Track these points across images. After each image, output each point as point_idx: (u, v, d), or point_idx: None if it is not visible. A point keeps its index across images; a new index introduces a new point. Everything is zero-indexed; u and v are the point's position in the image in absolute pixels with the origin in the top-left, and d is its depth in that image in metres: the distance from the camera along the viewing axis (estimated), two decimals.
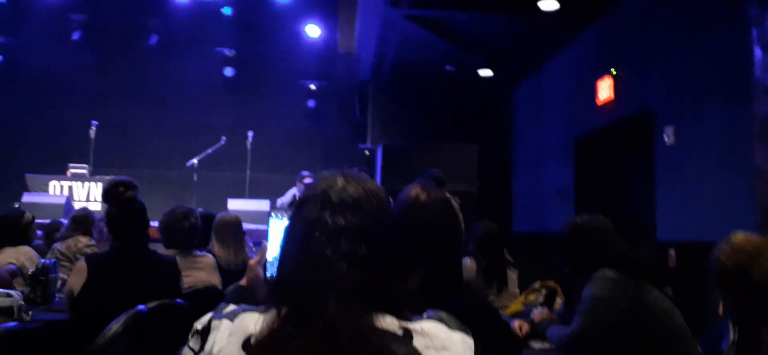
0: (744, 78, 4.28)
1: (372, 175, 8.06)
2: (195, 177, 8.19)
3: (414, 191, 1.67)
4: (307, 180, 6.53)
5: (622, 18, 6.34)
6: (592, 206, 6.76)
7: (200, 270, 3.18)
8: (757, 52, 4.18)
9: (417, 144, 8.41)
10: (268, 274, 1.37)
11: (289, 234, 1.03)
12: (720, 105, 4.74)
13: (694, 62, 5.06)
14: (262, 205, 7.66)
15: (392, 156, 7.81)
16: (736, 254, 1.93)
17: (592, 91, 6.73)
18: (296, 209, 1.05)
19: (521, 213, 9.24)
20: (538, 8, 5.79)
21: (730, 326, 2.04)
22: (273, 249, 1.38)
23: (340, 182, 1.03)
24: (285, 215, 1.40)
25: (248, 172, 8.49)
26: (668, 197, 5.43)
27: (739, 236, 1.99)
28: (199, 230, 3.29)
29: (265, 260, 1.38)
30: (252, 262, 1.40)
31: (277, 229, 1.39)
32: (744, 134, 4.32)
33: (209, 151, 8.36)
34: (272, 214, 1.41)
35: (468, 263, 3.98)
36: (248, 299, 1.33)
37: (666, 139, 5.40)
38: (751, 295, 1.90)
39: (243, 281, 1.40)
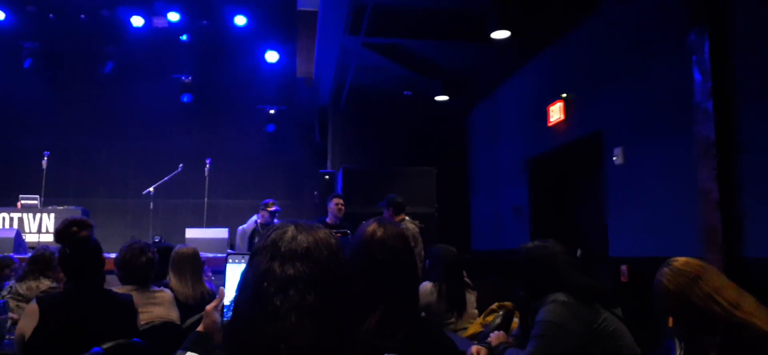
0: (686, 102, 4.48)
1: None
2: (151, 205, 8.03)
3: (371, 227, 1.71)
4: (272, 208, 6.52)
5: (571, 45, 6.56)
6: (547, 224, 6.94)
7: (158, 306, 3.13)
8: (697, 77, 4.38)
9: (377, 167, 8.47)
10: (225, 319, 1.38)
11: (242, 285, 1.03)
12: (665, 127, 4.95)
13: (640, 87, 5.26)
14: (221, 233, 7.57)
15: (353, 180, 7.86)
16: (676, 277, 2.01)
17: (544, 114, 6.94)
18: (250, 258, 1.06)
19: (480, 232, 9.37)
20: (490, 37, 5.95)
21: (677, 343, 2.12)
22: (230, 293, 1.39)
23: (290, 231, 1.04)
24: (242, 259, 1.42)
25: (206, 199, 8.38)
26: (619, 215, 5.60)
27: (680, 260, 2.06)
28: (156, 264, 3.24)
29: (222, 306, 1.39)
30: (209, 308, 1.41)
31: (234, 273, 1.41)
32: (687, 155, 4.53)
33: (166, 178, 8.23)
34: (229, 258, 1.43)
35: (428, 287, 4.02)
36: (205, 345, 1.34)
37: (615, 159, 5.58)
38: (692, 316, 1.97)
39: (200, 327, 1.40)
